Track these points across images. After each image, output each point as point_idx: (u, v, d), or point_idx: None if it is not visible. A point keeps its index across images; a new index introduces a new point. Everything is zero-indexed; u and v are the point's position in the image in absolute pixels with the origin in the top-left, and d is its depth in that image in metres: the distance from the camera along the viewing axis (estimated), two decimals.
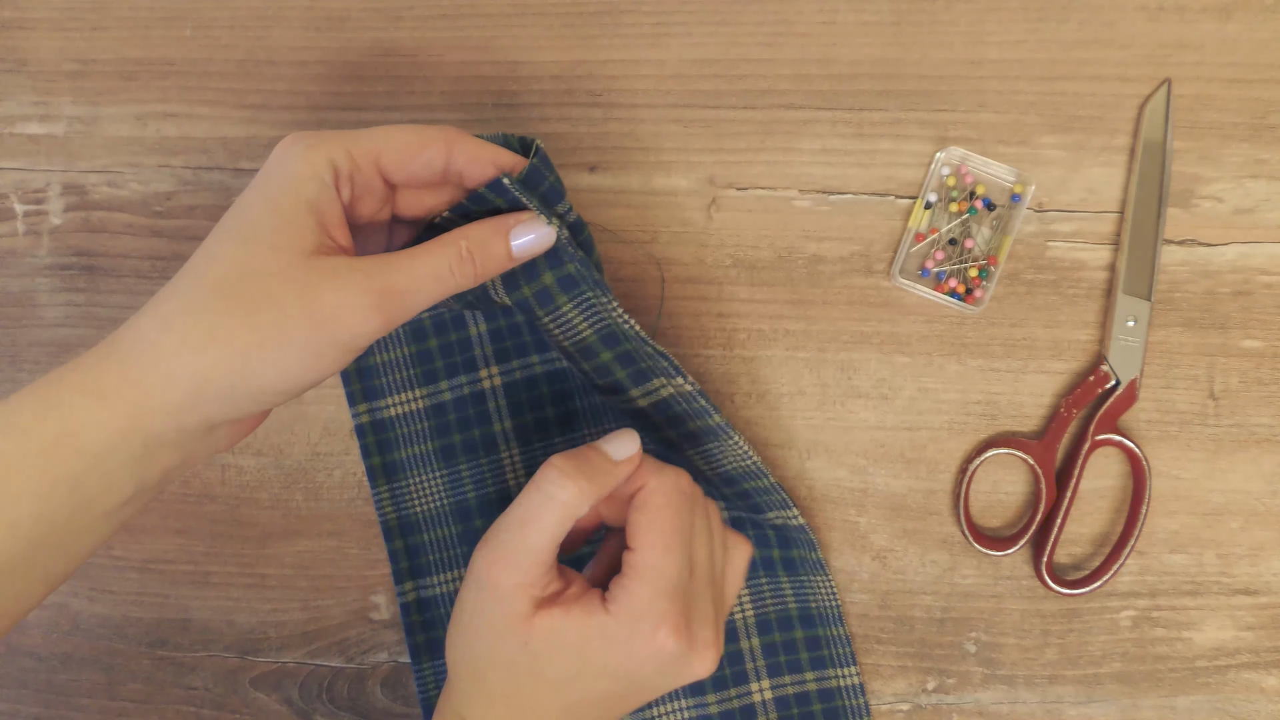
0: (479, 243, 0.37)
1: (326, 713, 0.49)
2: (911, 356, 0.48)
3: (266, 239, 0.35)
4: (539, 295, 0.40)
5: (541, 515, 0.36)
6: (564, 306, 0.41)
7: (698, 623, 0.38)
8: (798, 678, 0.47)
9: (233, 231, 0.36)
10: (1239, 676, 0.47)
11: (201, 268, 0.35)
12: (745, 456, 0.44)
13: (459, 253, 0.37)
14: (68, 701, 0.50)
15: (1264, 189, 0.47)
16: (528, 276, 0.40)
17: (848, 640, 0.47)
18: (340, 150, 0.36)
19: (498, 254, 0.38)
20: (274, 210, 0.35)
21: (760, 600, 0.47)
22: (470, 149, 0.38)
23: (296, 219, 0.35)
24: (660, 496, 0.38)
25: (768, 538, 0.47)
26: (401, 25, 0.49)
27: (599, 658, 0.37)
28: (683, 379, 0.42)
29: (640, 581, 0.37)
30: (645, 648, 0.36)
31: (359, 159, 0.37)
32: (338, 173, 0.36)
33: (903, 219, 0.48)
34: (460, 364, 0.48)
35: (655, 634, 0.36)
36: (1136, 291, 0.47)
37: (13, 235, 0.50)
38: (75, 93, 0.50)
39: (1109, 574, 0.46)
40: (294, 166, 0.36)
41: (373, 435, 0.48)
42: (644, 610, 0.36)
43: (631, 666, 0.37)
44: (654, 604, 0.36)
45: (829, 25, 0.48)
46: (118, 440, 0.34)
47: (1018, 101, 0.47)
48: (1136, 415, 0.47)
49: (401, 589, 0.48)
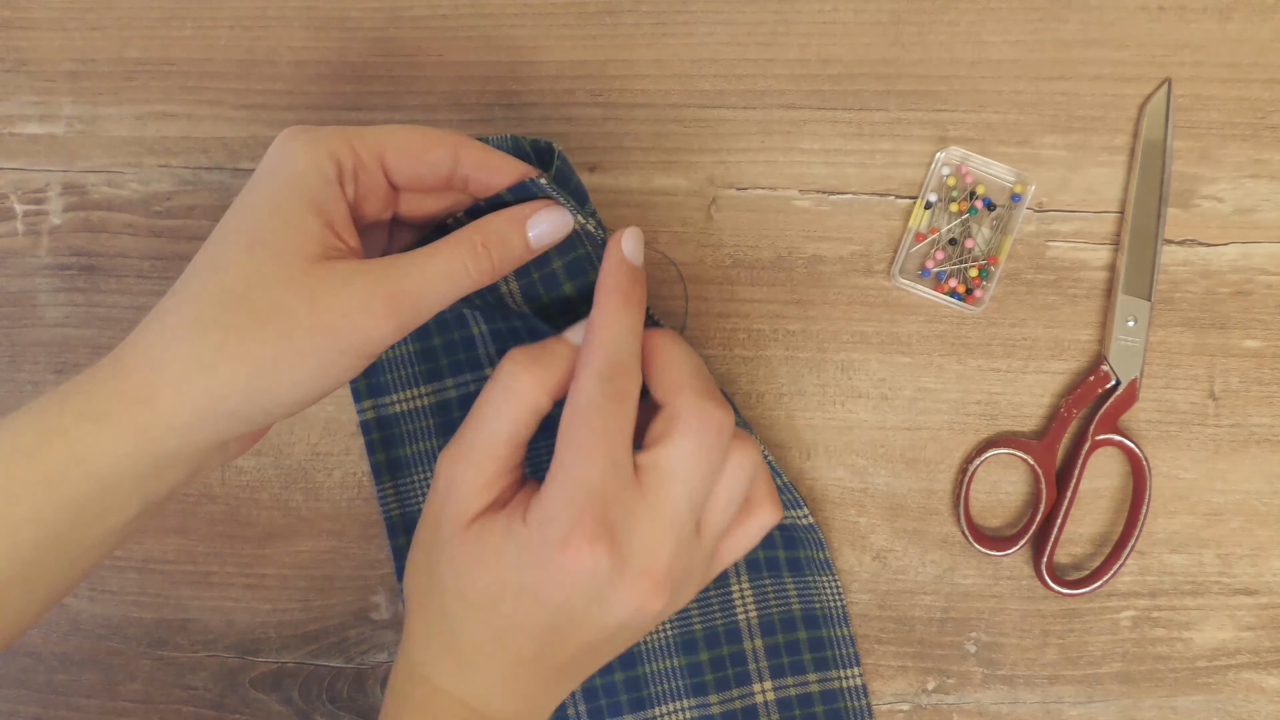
0: (495, 235, 0.36)
1: (326, 713, 0.49)
2: (911, 356, 0.48)
3: (272, 245, 0.33)
4: (558, 303, 0.40)
5: (497, 407, 0.35)
6: (566, 289, 0.40)
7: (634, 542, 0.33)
8: (800, 679, 0.47)
9: (236, 236, 0.34)
10: (1239, 676, 0.47)
11: (205, 276, 0.33)
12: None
13: (473, 248, 0.35)
14: (68, 701, 0.50)
15: (1264, 189, 0.47)
16: (547, 286, 0.40)
17: (851, 641, 0.47)
18: (344, 145, 0.35)
19: (515, 246, 0.36)
20: (278, 212, 0.33)
21: (764, 601, 0.47)
22: (477, 155, 0.36)
23: (302, 221, 0.33)
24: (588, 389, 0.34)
25: (773, 538, 0.47)
26: (401, 25, 0.49)
27: (515, 574, 0.34)
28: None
29: (552, 481, 0.34)
30: (555, 557, 0.33)
31: (363, 155, 0.35)
32: (341, 169, 0.35)
33: (903, 219, 0.48)
34: (464, 362, 0.48)
35: (566, 542, 0.33)
36: (1137, 291, 0.47)
37: (12, 235, 0.50)
38: (75, 93, 0.50)
39: (1109, 574, 0.46)
40: (296, 163, 0.34)
41: (378, 431, 0.48)
42: (551, 514, 0.33)
43: (549, 585, 0.33)
44: (563, 507, 0.33)
45: (829, 25, 0.48)
46: (125, 463, 0.33)
47: (1018, 101, 0.47)
48: (1136, 415, 0.47)
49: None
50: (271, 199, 0.34)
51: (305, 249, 0.33)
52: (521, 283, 0.40)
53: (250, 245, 0.33)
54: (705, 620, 0.47)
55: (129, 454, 0.32)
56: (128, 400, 0.32)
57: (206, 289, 0.33)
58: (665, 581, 0.34)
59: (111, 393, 0.33)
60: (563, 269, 0.39)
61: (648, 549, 0.33)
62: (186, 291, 0.34)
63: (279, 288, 0.33)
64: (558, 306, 0.40)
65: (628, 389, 0.35)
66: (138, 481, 0.33)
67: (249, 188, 0.35)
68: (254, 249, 0.33)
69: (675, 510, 0.34)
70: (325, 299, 0.33)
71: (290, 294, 0.33)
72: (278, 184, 0.34)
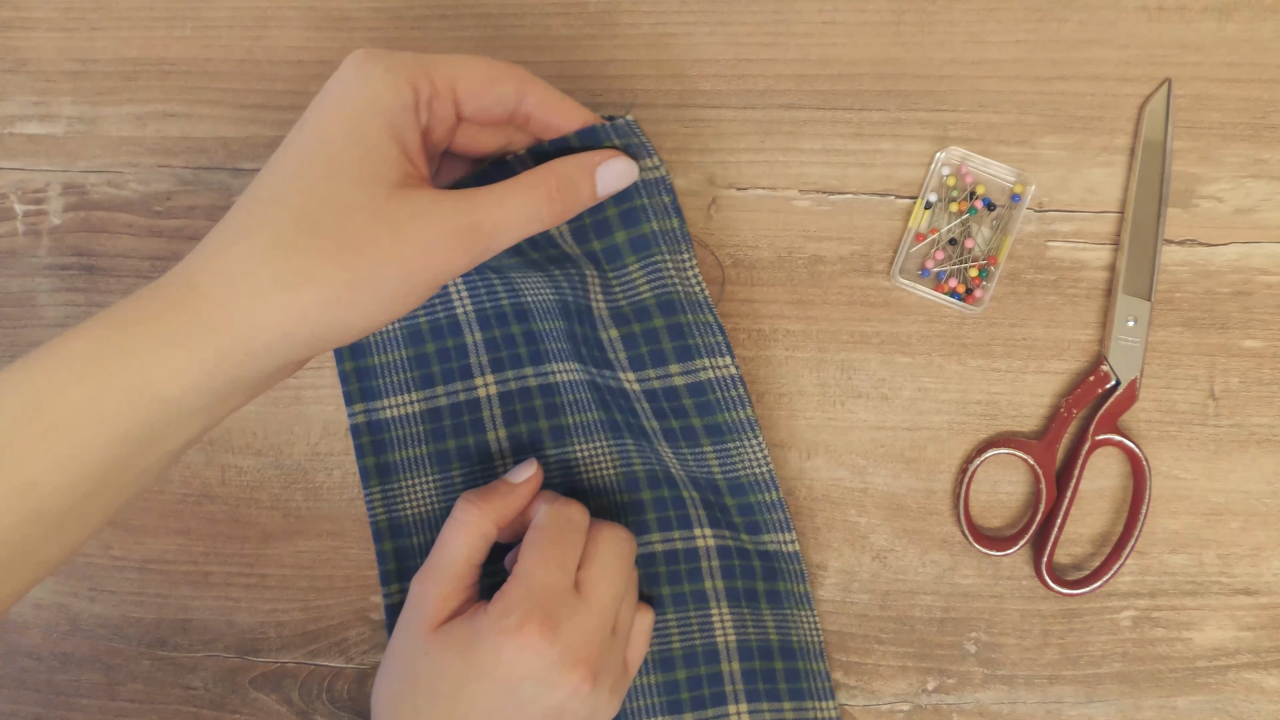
0: (567, 180, 0.37)
1: (326, 713, 0.49)
2: (911, 356, 0.48)
3: (351, 170, 0.33)
4: (607, 251, 0.41)
5: (454, 536, 0.42)
6: (630, 265, 0.41)
7: (573, 636, 0.40)
8: (776, 705, 0.47)
9: (312, 157, 0.33)
10: (1239, 676, 0.47)
11: (282, 198, 0.33)
12: (762, 462, 0.44)
13: (549, 192, 0.36)
14: (68, 701, 0.50)
15: (1264, 189, 0.47)
16: (599, 232, 0.40)
17: (828, 675, 0.47)
18: (421, 73, 0.35)
19: (583, 192, 0.38)
20: (356, 136, 0.33)
21: (742, 626, 0.47)
22: (543, 94, 0.37)
23: (381, 147, 0.33)
24: (547, 519, 0.42)
25: (753, 569, 0.47)
26: (401, 25, 0.49)
27: (477, 658, 0.39)
28: (730, 359, 0.42)
29: (514, 582, 0.40)
30: (510, 642, 0.39)
31: (439, 84, 0.35)
32: (419, 96, 0.35)
33: (903, 219, 0.48)
34: (456, 370, 0.48)
35: (521, 629, 0.39)
36: (1137, 291, 0.47)
37: (13, 235, 0.50)
38: (75, 93, 0.50)
39: (1109, 574, 0.46)
40: (374, 88, 0.34)
41: (368, 435, 0.48)
42: (511, 606, 0.40)
43: (504, 668, 0.39)
44: (521, 601, 0.39)
45: (829, 25, 0.48)
46: (197, 387, 0.32)
47: (1018, 101, 0.47)
48: (1136, 415, 0.47)
49: (388, 590, 0.48)
50: (349, 122, 0.34)
51: (385, 175, 0.33)
52: (573, 225, 0.40)
53: (329, 169, 0.33)
54: (684, 640, 0.47)
55: (203, 379, 0.32)
56: (204, 325, 0.32)
57: (285, 210, 0.33)
58: (594, 668, 0.40)
59: (187, 315, 0.32)
60: (617, 216, 0.40)
61: (583, 640, 0.40)
62: (260, 213, 0.33)
63: (362, 214, 0.33)
64: (607, 254, 0.41)
65: (577, 519, 0.43)
66: (206, 408, 0.33)
67: (319, 110, 0.34)
68: (333, 174, 0.33)
69: (604, 609, 0.41)
70: (407, 228, 0.33)
71: (373, 221, 0.33)
72: (355, 108, 0.34)
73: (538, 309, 0.47)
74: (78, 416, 0.31)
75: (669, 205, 0.42)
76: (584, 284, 0.43)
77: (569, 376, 0.47)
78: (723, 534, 0.47)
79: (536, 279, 0.45)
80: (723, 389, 0.43)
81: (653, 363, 0.43)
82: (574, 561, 0.42)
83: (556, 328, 0.46)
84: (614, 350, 0.43)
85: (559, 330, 0.46)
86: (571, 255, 0.42)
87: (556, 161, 0.37)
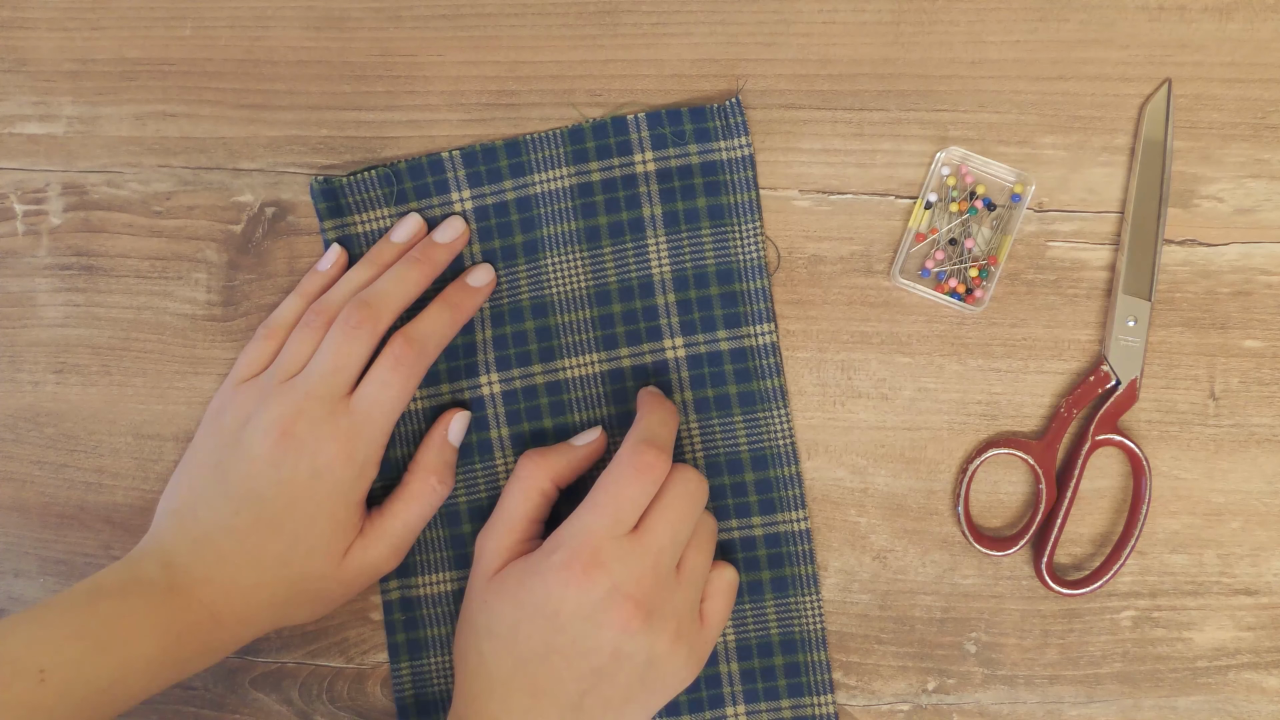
0: (438, 465, 0.46)
1: (326, 713, 0.49)
2: (911, 356, 0.48)
3: (322, 550, 0.44)
4: (688, 212, 0.47)
5: (512, 491, 0.44)
6: (704, 230, 0.47)
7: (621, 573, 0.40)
8: (774, 704, 0.47)
9: (298, 541, 0.43)
10: (1239, 677, 0.47)
11: (286, 559, 0.43)
12: (787, 434, 0.47)
13: (431, 486, 0.46)
14: None
15: (1264, 189, 0.47)
16: (685, 196, 0.47)
17: (828, 666, 0.47)
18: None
19: (447, 458, 0.46)
20: (332, 520, 0.43)
21: (743, 626, 0.47)
22: None
23: (347, 525, 0.44)
24: (616, 463, 0.41)
25: (758, 559, 0.47)
26: (401, 25, 0.49)
27: (528, 595, 0.41)
28: (772, 325, 0.47)
29: (566, 526, 0.41)
30: (555, 576, 0.40)
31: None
32: None
33: (903, 219, 0.48)
34: (463, 368, 0.48)
35: (567, 565, 0.40)
36: (1137, 291, 0.47)
37: (12, 235, 0.50)
38: (75, 93, 0.50)
39: (1109, 574, 0.46)
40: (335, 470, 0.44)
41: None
42: (558, 544, 0.41)
43: (552, 604, 0.40)
44: (568, 540, 0.41)
45: (829, 25, 0.48)
46: (191, 665, 0.43)
47: (1018, 101, 0.47)
48: (1137, 415, 0.47)
49: (385, 586, 0.48)
50: (323, 506, 0.43)
51: (345, 544, 0.44)
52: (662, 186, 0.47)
53: (308, 551, 0.44)
54: None
55: (192, 658, 0.42)
56: (202, 627, 0.42)
57: (283, 572, 0.44)
58: (645, 607, 0.40)
59: (187, 621, 0.42)
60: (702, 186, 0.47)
61: (632, 578, 0.40)
62: (266, 572, 0.43)
63: (324, 581, 0.44)
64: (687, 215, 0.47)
65: (657, 466, 0.41)
66: (184, 667, 0.42)
67: (291, 482, 0.43)
68: (311, 555, 0.44)
69: (659, 549, 0.41)
70: (355, 579, 0.45)
71: (332, 586, 0.45)
72: (325, 489, 0.43)
73: (563, 301, 0.47)
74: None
75: (750, 179, 0.47)
76: (644, 254, 0.47)
77: (583, 371, 0.47)
78: (729, 525, 0.47)
79: (575, 264, 0.47)
80: (762, 356, 0.47)
81: (703, 328, 0.47)
82: (636, 505, 0.41)
83: (581, 318, 0.47)
84: (668, 315, 0.47)
85: (584, 320, 0.47)
86: (641, 219, 0.47)
87: (415, 461, 0.46)
